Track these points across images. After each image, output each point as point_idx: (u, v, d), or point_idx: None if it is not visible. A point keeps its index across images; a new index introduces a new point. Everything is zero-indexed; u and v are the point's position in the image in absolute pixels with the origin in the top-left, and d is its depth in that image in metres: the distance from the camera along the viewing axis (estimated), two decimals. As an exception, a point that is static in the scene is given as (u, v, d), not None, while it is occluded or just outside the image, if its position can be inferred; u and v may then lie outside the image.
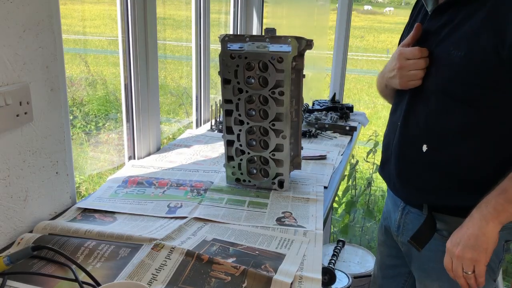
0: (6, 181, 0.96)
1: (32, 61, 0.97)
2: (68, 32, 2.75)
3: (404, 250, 1.23)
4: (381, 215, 1.39)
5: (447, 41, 1.01)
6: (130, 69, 1.44)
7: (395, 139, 1.15)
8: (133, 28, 1.40)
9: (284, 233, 1.06)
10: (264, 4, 2.41)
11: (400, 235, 1.22)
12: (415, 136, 1.09)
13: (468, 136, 1.00)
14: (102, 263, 0.91)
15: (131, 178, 1.33)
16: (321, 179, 1.38)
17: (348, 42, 2.38)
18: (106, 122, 2.87)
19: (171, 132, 2.64)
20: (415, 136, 1.09)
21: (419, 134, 1.08)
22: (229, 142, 1.28)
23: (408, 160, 1.12)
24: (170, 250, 0.94)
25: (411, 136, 1.10)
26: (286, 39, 1.16)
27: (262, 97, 1.21)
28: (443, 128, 1.03)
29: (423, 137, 1.07)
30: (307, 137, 1.79)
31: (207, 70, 1.97)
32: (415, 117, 1.09)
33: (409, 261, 1.23)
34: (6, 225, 0.97)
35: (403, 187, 1.15)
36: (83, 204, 1.16)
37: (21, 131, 0.98)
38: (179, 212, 1.14)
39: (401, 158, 1.14)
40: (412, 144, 1.09)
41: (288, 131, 1.22)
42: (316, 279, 0.89)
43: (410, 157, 1.11)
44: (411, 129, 1.10)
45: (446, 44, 1.01)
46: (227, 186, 1.32)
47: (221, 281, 0.87)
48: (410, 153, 1.10)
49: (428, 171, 1.07)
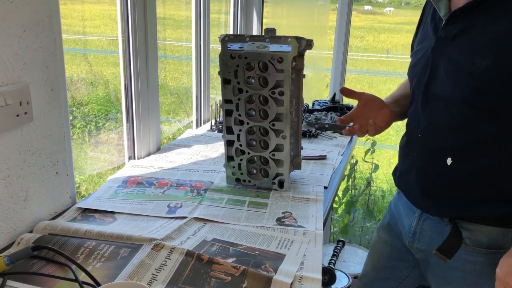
0: (6, 181, 0.96)
1: (32, 61, 0.97)
2: (68, 32, 2.75)
3: (420, 257, 1.18)
4: (386, 214, 1.35)
5: (470, 49, 0.95)
6: (130, 69, 1.44)
7: (415, 152, 1.10)
8: (133, 28, 1.40)
9: (284, 233, 1.06)
10: (264, 4, 2.41)
11: (416, 241, 1.17)
12: (438, 149, 1.04)
13: (495, 148, 0.96)
14: (102, 263, 0.91)
15: (131, 178, 1.33)
16: (321, 179, 1.38)
17: (348, 42, 2.38)
18: (106, 122, 2.87)
19: (171, 132, 2.64)
20: (439, 149, 1.03)
21: (443, 147, 1.03)
22: (229, 142, 1.28)
23: (431, 174, 1.06)
24: (170, 250, 0.94)
25: (435, 149, 1.05)
26: (286, 39, 1.16)
27: (262, 97, 1.21)
28: (469, 140, 0.98)
29: (447, 150, 1.02)
30: (307, 137, 1.79)
31: (207, 70, 1.97)
32: (438, 129, 1.03)
33: (425, 268, 1.18)
34: (6, 225, 0.97)
35: (425, 199, 1.10)
36: (83, 204, 1.16)
37: (21, 131, 0.98)
38: (179, 212, 1.14)
39: (423, 172, 1.09)
40: (436, 158, 1.04)
41: (288, 131, 1.22)
42: (316, 279, 0.89)
43: (434, 171, 1.05)
44: (434, 142, 1.05)
45: (469, 52, 0.94)
46: (227, 186, 1.32)
47: (221, 281, 0.87)
48: (434, 166, 1.05)
49: (453, 185, 1.03)
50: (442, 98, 1.02)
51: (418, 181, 1.10)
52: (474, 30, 0.95)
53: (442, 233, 1.06)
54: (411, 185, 1.14)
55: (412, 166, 1.13)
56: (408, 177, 1.15)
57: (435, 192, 1.07)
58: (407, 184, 1.16)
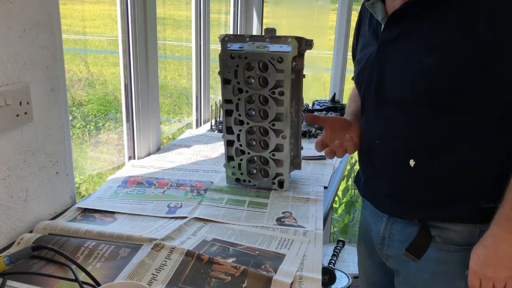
0: (6, 181, 0.95)
1: (32, 61, 0.97)
2: (68, 32, 2.75)
3: (390, 264, 1.14)
4: (358, 229, 1.31)
5: (415, 49, 0.93)
6: (130, 69, 1.44)
7: (376, 159, 1.08)
8: (133, 28, 1.40)
9: (284, 233, 1.06)
10: (264, 4, 2.41)
11: (385, 247, 1.12)
12: (399, 153, 1.01)
13: (456, 146, 0.95)
14: (102, 263, 0.91)
15: (131, 178, 1.33)
16: (321, 179, 1.38)
17: (348, 42, 2.38)
18: (106, 122, 2.87)
19: (171, 132, 2.64)
20: (400, 153, 1.01)
21: (404, 150, 1.00)
22: (229, 142, 1.28)
23: (396, 178, 1.04)
24: (170, 250, 0.94)
25: (396, 153, 1.02)
26: (286, 39, 1.16)
27: (262, 97, 1.21)
28: (428, 140, 0.96)
29: (408, 153, 0.99)
30: (307, 137, 1.79)
31: (207, 70, 1.97)
32: (396, 133, 1.01)
33: (396, 276, 1.14)
34: (6, 225, 0.97)
35: (392, 204, 1.08)
36: (83, 204, 1.16)
37: (21, 131, 0.98)
38: (179, 212, 1.14)
39: (387, 177, 1.06)
40: (398, 161, 1.01)
41: (288, 131, 1.22)
42: (316, 279, 0.89)
43: (398, 174, 1.03)
44: (394, 147, 1.02)
45: (415, 51, 0.93)
46: (227, 186, 1.32)
47: (221, 281, 0.87)
48: (397, 170, 1.02)
49: (419, 186, 1.01)
50: (394, 102, 1.00)
51: (382, 187, 1.08)
52: (416, 30, 0.94)
53: (411, 235, 1.03)
54: (376, 191, 1.11)
55: (375, 173, 1.10)
56: (372, 184, 1.12)
57: (401, 196, 1.05)
58: (372, 191, 1.13)
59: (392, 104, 1.00)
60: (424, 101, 0.94)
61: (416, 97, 0.95)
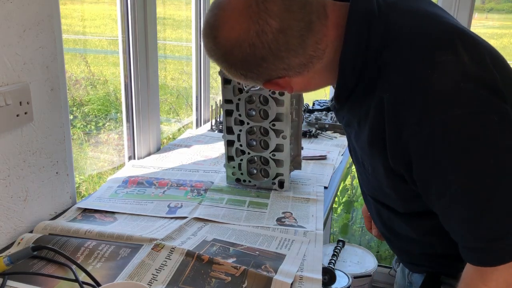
0: (6, 181, 0.95)
1: (32, 61, 0.97)
2: (68, 32, 2.75)
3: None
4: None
5: (357, 148, 0.84)
6: (130, 69, 1.44)
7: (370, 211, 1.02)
8: (133, 28, 1.40)
9: (284, 233, 1.06)
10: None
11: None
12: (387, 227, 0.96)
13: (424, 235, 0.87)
14: (102, 263, 0.91)
15: (131, 178, 1.33)
16: (321, 179, 1.38)
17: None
18: (106, 122, 2.87)
19: (171, 132, 2.64)
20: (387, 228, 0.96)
21: (387, 229, 0.96)
22: (229, 142, 1.28)
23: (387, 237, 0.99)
24: (171, 250, 0.94)
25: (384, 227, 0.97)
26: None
27: (263, 97, 1.21)
28: (398, 230, 0.91)
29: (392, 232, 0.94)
30: (307, 137, 1.79)
31: (207, 70, 1.97)
32: (377, 216, 0.96)
33: None
34: (6, 225, 0.97)
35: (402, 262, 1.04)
36: (83, 204, 1.16)
37: (21, 131, 0.98)
38: (179, 212, 1.14)
39: (382, 233, 1.01)
40: (389, 230, 0.96)
41: (288, 131, 1.22)
42: (316, 279, 0.89)
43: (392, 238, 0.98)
44: (380, 224, 0.97)
45: (358, 151, 0.85)
46: (227, 186, 1.32)
47: (221, 281, 0.87)
48: (390, 235, 0.98)
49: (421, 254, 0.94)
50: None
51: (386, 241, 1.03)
52: (351, 125, 0.83)
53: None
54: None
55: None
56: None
57: (405, 260, 1.01)
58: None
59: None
60: (378, 200, 0.90)
61: (373, 196, 0.92)
